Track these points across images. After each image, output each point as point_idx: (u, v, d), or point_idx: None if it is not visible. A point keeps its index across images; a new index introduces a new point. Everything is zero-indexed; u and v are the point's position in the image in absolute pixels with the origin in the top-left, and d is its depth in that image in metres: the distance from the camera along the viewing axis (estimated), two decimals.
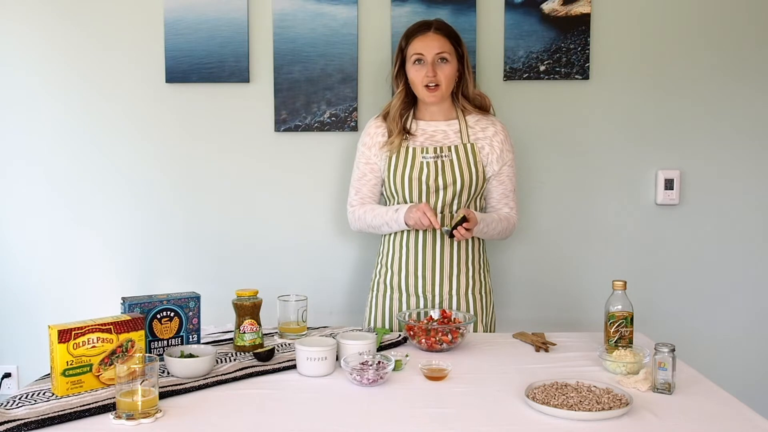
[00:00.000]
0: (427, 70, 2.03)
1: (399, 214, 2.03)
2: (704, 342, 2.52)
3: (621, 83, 2.48)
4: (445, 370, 1.59)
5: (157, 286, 2.42)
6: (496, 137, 2.10)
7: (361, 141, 2.18)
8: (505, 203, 2.13)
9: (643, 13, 2.46)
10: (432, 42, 2.03)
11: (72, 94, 2.47)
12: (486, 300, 2.15)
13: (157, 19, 2.42)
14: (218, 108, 2.48)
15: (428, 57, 2.03)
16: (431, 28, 2.05)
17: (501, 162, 2.10)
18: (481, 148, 2.08)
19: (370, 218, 2.12)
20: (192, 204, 2.52)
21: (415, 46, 2.05)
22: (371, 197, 2.16)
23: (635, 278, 2.31)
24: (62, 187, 2.50)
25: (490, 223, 2.04)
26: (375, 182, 2.15)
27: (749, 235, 2.54)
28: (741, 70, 2.48)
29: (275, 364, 1.67)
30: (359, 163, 2.17)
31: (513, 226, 2.14)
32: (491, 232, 2.06)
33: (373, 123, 2.17)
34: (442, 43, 2.04)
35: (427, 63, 2.03)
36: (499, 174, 2.11)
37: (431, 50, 2.03)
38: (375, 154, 2.13)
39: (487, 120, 2.13)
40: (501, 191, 2.13)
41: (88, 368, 1.49)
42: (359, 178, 2.16)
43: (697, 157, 2.51)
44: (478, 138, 2.09)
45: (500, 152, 2.09)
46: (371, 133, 2.15)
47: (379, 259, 2.20)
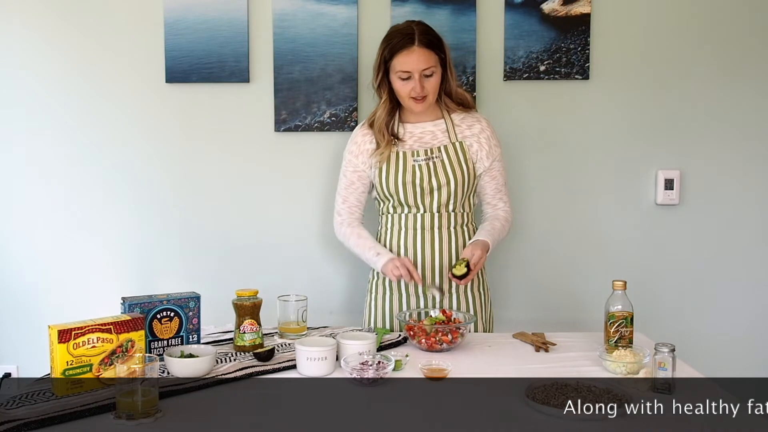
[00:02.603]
0: (415, 85, 2.00)
1: (379, 259, 2.04)
2: (704, 342, 2.52)
3: (621, 83, 2.48)
4: (445, 370, 1.59)
5: (157, 286, 2.42)
6: (483, 134, 2.11)
7: (347, 149, 2.16)
8: (499, 198, 2.16)
9: (643, 13, 2.46)
10: (418, 58, 1.98)
11: (72, 94, 2.47)
12: (484, 297, 2.16)
13: (157, 19, 2.42)
14: (218, 108, 2.48)
15: (415, 74, 1.99)
16: (414, 41, 1.98)
17: (491, 157, 2.11)
18: (469, 146, 2.09)
19: (352, 244, 2.14)
20: (192, 204, 2.52)
21: (400, 62, 1.99)
22: (358, 206, 2.16)
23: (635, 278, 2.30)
24: (62, 187, 2.50)
25: (497, 235, 2.09)
26: (363, 190, 2.15)
27: (749, 235, 2.54)
28: (741, 70, 2.48)
29: (275, 364, 1.67)
30: (346, 171, 2.16)
31: (511, 223, 2.18)
32: (500, 241, 2.13)
33: (359, 131, 2.16)
34: (428, 58, 1.99)
35: (415, 79, 2.00)
36: (491, 169, 2.12)
37: (418, 67, 1.98)
38: (363, 162, 2.12)
39: (472, 117, 2.14)
40: (494, 186, 2.14)
41: (88, 368, 1.49)
42: (347, 187, 2.15)
43: (697, 157, 2.51)
44: (466, 136, 2.10)
45: (489, 148, 2.10)
46: (358, 141, 2.14)
47: None
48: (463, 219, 2.11)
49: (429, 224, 2.08)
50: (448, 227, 2.09)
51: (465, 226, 2.12)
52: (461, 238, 2.10)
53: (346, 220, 2.16)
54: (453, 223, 2.09)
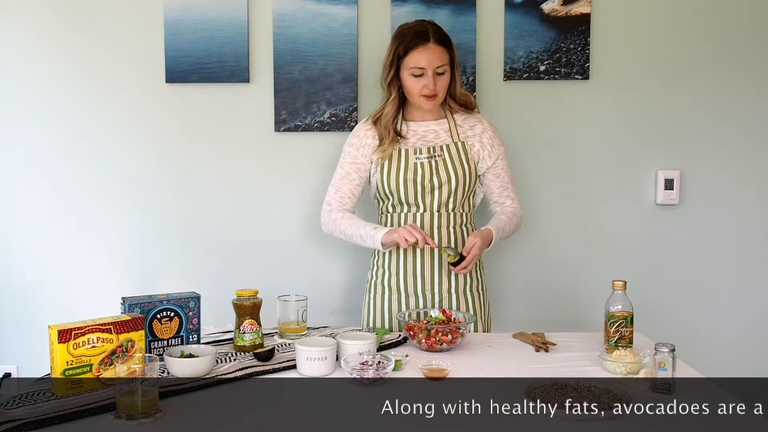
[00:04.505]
0: (428, 82, 2.02)
1: (378, 232, 2.01)
2: (704, 342, 2.52)
3: (621, 83, 2.48)
4: (445, 370, 1.60)
5: (157, 286, 2.42)
6: (485, 134, 2.12)
7: (348, 142, 2.16)
8: (506, 195, 2.16)
9: (643, 13, 2.46)
10: (433, 55, 2.01)
11: (72, 94, 2.47)
12: (483, 297, 2.16)
13: (157, 19, 2.42)
14: (218, 108, 2.48)
15: (429, 71, 2.01)
16: (430, 38, 2.01)
17: (494, 155, 2.12)
18: (471, 146, 2.10)
19: (345, 225, 2.07)
20: (192, 204, 2.52)
21: (415, 58, 2.01)
22: (351, 198, 2.13)
23: (635, 278, 2.30)
24: (62, 187, 2.50)
25: (504, 227, 2.08)
26: (358, 182, 2.13)
27: (749, 235, 2.54)
28: (741, 70, 2.48)
29: (275, 364, 1.67)
30: (344, 163, 2.14)
31: (520, 219, 2.18)
32: (507, 234, 2.11)
33: (363, 126, 2.15)
34: (441, 56, 2.02)
35: (428, 76, 2.01)
36: (494, 167, 2.13)
37: (432, 64, 2.01)
38: (363, 155, 2.11)
39: (474, 118, 2.15)
40: (500, 184, 2.15)
41: (88, 368, 1.49)
42: (342, 177, 2.13)
43: (697, 157, 2.51)
44: (468, 136, 2.11)
45: (491, 147, 2.11)
46: (361, 135, 2.13)
47: (375, 261, 2.19)
48: (462, 219, 2.12)
49: (429, 223, 2.08)
50: (448, 227, 2.09)
51: (464, 226, 2.12)
52: (461, 238, 2.10)
53: (336, 208, 2.12)
54: (452, 223, 2.09)
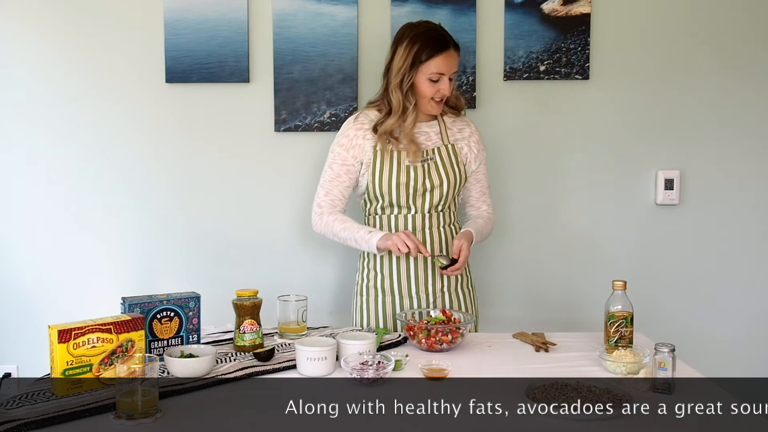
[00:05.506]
0: (444, 87, 2.01)
1: (373, 236, 2.00)
2: (704, 342, 2.52)
3: (621, 83, 2.48)
4: (445, 370, 1.60)
5: (157, 286, 2.42)
6: (472, 137, 2.15)
7: (337, 142, 2.10)
8: (483, 200, 2.20)
9: (643, 13, 2.46)
10: (453, 61, 2.02)
11: (72, 94, 2.47)
12: (473, 294, 2.19)
13: (157, 19, 2.42)
14: (218, 108, 2.48)
15: (447, 75, 2.02)
16: (449, 44, 2.01)
17: (479, 160, 2.15)
18: (460, 149, 2.12)
19: (338, 228, 2.06)
20: (192, 204, 2.52)
21: (437, 64, 1.99)
22: (341, 200, 2.11)
23: (635, 278, 2.30)
24: (62, 187, 2.50)
25: (482, 231, 2.12)
26: (348, 184, 2.10)
27: (749, 235, 2.54)
28: (741, 70, 2.48)
29: (275, 364, 1.67)
30: (333, 164, 2.10)
31: (494, 223, 2.22)
32: (483, 238, 2.14)
33: (353, 126, 2.10)
34: (457, 61, 2.04)
35: (445, 81, 2.01)
36: (476, 172, 2.16)
37: (451, 69, 2.02)
38: (354, 156, 2.07)
39: (462, 121, 2.16)
40: (479, 189, 2.18)
41: (88, 368, 1.49)
42: (332, 179, 2.10)
43: (697, 157, 2.51)
44: (457, 139, 2.13)
45: (477, 151, 2.14)
46: (350, 135, 2.08)
47: (365, 263, 2.16)
48: (450, 218, 2.14)
49: (420, 225, 2.08)
50: (438, 227, 2.10)
51: (452, 225, 2.14)
52: (449, 236, 2.12)
53: (327, 210, 2.11)
54: (442, 223, 2.11)
